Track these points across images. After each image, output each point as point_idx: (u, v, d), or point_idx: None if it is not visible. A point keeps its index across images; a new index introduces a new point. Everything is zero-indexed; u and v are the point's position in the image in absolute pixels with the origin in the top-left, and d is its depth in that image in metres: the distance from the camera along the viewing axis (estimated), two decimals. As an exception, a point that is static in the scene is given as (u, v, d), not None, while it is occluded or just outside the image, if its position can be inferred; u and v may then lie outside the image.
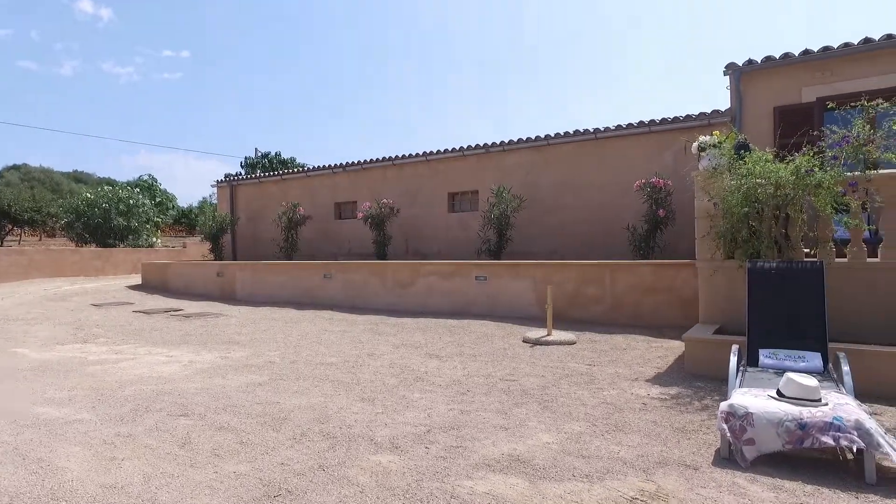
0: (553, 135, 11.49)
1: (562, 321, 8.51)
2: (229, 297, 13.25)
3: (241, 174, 17.75)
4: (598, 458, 3.41)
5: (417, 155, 13.44)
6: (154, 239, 28.49)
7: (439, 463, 3.37)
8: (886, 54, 8.20)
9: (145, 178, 49.96)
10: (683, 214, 9.22)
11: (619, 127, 10.73)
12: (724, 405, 3.46)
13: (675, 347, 6.54)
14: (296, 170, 17.17)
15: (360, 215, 13.18)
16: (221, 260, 15.63)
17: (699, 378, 5.19)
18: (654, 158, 10.14)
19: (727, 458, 3.35)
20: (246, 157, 42.17)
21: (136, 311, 11.12)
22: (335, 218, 15.28)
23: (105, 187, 28.54)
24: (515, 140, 11.96)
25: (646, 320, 8.12)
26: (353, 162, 14.68)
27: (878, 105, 5.12)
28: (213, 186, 18.44)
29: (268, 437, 3.86)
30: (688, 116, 10.01)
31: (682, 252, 9.22)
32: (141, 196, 29.50)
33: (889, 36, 7.98)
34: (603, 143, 11.05)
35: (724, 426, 3.37)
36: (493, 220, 11.03)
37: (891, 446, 2.99)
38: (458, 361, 6.21)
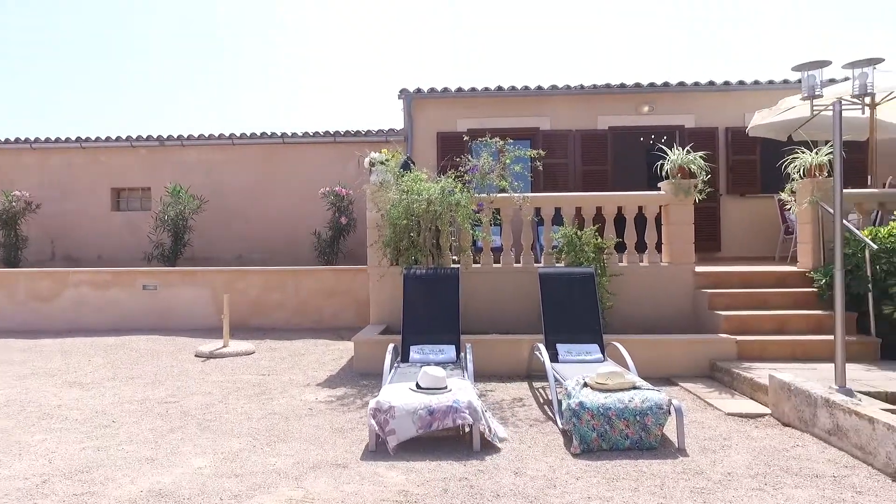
0: (239, 134, 10.96)
1: (244, 330, 8.17)
2: None
3: None
4: (253, 474, 3.34)
5: (69, 140, 11.09)
6: None
7: (51, 520, 2.80)
8: (512, 101, 10.38)
9: None
10: (364, 222, 9.90)
11: (306, 134, 10.90)
12: (372, 402, 3.80)
13: (350, 349, 6.92)
14: None
15: (-23, 210, 10.17)
16: None
17: (366, 377, 5.61)
18: (340, 168, 10.60)
19: (374, 450, 3.68)
20: None
21: None
22: (-63, 211, 11.43)
23: None
24: (196, 136, 10.98)
25: (327, 323, 8.43)
26: (-33, 140, 11.24)
27: (496, 142, 6.43)
28: None
29: None
30: (369, 132, 10.81)
31: (364, 258, 9.85)
32: None
33: (513, 87, 10.13)
34: (292, 149, 11.04)
35: (373, 421, 3.70)
36: (167, 221, 9.88)
37: (487, 421, 3.75)
38: (107, 387, 5.33)
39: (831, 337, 4.30)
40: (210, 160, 11.15)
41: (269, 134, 10.97)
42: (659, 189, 6.79)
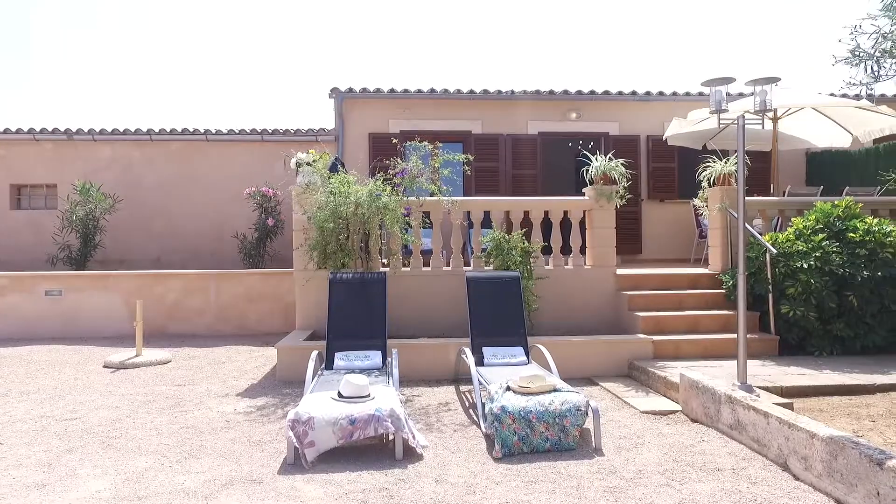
0: (158, 130, 10.37)
1: (161, 337, 7.74)
2: None
3: None
4: (158, 495, 3.14)
5: (-40, 131, 10.11)
6: None
7: (-84, 560, 2.51)
8: (445, 104, 10.42)
9: None
10: (292, 224, 9.61)
11: (231, 131, 10.47)
12: (291, 413, 3.67)
13: (274, 356, 6.70)
14: None
15: None
16: None
17: (290, 385, 5.43)
18: (267, 167, 10.24)
19: (293, 463, 3.55)
20: None
21: None
22: None
23: None
24: (110, 130, 10.29)
25: (252, 329, 8.12)
26: None
27: (425, 146, 6.41)
28: None
29: None
30: (298, 130, 10.53)
31: (292, 261, 9.58)
32: None
33: (445, 90, 10.16)
34: (215, 146, 10.57)
35: (291, 433, 3.57)
36: (76, 221, 9.20)
37: (409, 429, 3.72)
38: (-2, 405, 4.87)
39: (736, 336, 4.58)
40: (126, 156, 10.48)
41: (192, 130, 10.45)
42: (584, 194, 7.01)
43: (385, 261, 6.71)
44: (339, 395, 3.89)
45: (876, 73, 3.02)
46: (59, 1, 26.88)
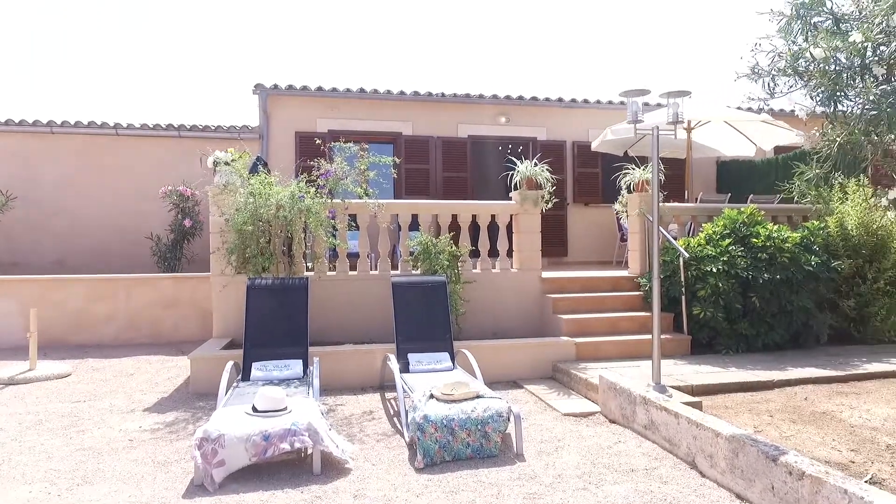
0: (61, 122, 9.55)
1: (62, 348, 7.11)
2: None
3: None
4: (42, 529, 2.84)
5: None
6: None
7: None
8: (375, 104, 10.27)
9: None
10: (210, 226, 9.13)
11: (144, 126, 9.80)
12: (199, 431, 3.44)
13: (189, 365, 6.33)
14: None
15: None
16: None
17: (204, 398, 5.12)
18: (184, 165, 9.63)
19: (201, 485, 3.33)
20: None
21: None
22: None
23: None
24: (3, 120, 9.37)
25: (167, 337, 7.63)
26: None
27: (350, 147, 6.25)
28: None
29: None
30: (219, 127, 10.03)
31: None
32: None
33: (375, 91, 10.03)
34: (127, 141, 9.87)
35: (197, 453, 3.35)
36: (-39, 221, 8.31)
37: (331, 440, 3.59)
38: None
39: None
40: (22, 150, 9.58)
41: (100, 123, 9.70)
42: (510, 199, 7.09)
43: (310, 265, 6.49)
44: (254, 409, 3.70)
45: (771, 90, 3.22)
46: (-52, -25, 24.26)
